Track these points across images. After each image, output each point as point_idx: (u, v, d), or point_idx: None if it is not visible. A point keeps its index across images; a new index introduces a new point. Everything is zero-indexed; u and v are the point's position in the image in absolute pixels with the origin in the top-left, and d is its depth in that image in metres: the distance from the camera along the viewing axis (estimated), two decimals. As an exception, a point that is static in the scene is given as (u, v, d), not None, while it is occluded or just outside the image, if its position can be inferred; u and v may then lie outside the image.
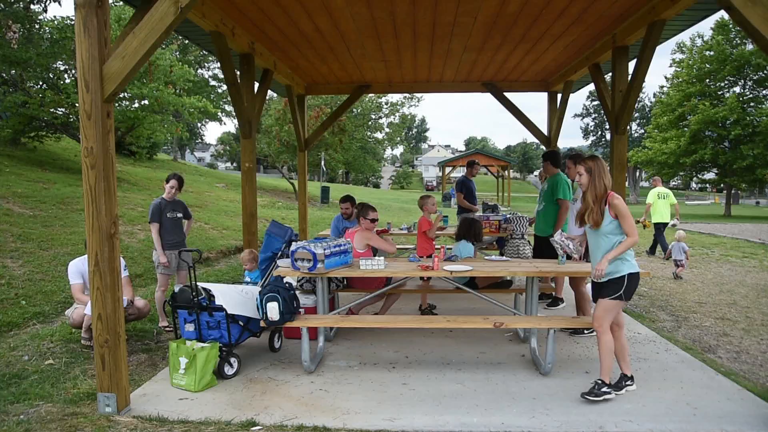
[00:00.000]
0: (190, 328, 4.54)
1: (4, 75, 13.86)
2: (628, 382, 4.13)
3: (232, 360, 4.52)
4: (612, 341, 3.98)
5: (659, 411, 3.81)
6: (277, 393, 4.15)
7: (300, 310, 4.84)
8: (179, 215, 5.94)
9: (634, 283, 3.91)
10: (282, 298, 4.37)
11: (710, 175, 35.03)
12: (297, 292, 4.85)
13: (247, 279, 5.77)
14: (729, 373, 4.58)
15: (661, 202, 11.68)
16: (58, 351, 5.00)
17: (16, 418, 3.66)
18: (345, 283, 5.85)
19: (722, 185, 33.82)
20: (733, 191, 34.66)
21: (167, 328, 5.76)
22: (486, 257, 5.86)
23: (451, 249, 6.06)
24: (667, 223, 11.69)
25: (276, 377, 4.48)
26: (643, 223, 11.85)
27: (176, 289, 4.87)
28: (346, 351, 5.16)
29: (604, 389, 3.94)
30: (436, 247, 5.58)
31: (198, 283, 4.56)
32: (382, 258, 4.86)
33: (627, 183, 7.35)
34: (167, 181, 5.88)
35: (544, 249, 6.23)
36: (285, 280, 4.76)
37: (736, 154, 28.38)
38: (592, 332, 5.61)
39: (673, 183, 63.37)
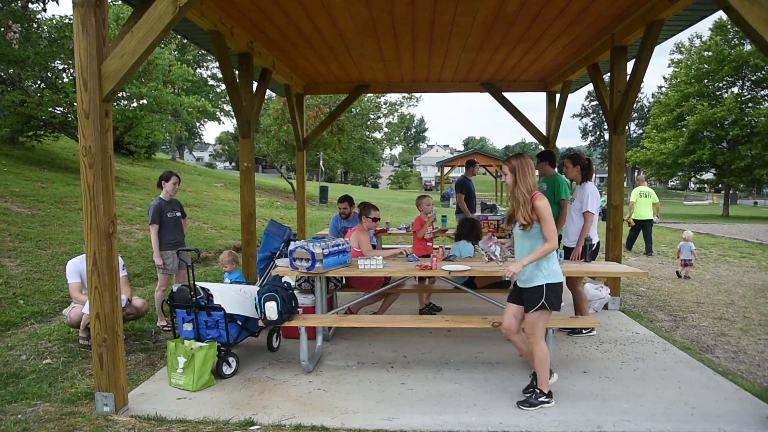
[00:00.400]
0: (188, 327, 4.54)
1: (3, 74, 13.83)
2: (547, 399, 3.91)
3: (231, 359, 4.52)
4: (548, 352, 3.85)
5: (657, 410, 3.82)
6: (276, 392, 4.15)
7: (298, 309, 4.84)
8: (178, 214, 5.94)
9: (555, 292, 3.73)
10: (280, 298, 4.37)
11: (708, 176, 35.03)
12: (295, 292, 4.85)
13: (227, 281, 5.53)
14: (727, 373, 4.59)
15: (642, 201, 11.98)
16: (56, 350, 4.99)
17: (14, 418, 3.65)
18: (343, 282, 5.85)
19: (720, 185, 33.84)
20: (731, 191, 34.71)
21: (165, 328, 5.75)
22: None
23: (449, 249, 6.06)
24: (649, 221, 12.02)
25: (274, 377, 4.47)
26: (628, 221, 12.01)
27: (174, 288, 4.87)
28: (345, 351, 5.16)
29: (542, 398, 3.86)
30: (435, 247, 5.58)
31: (196, 283, 4.56)
32: (380, 258, 4.86)
33: (626, 183, 7.36)
34: (167, 180, 5.85)
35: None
36: (283, 279, 4.76)
37: (734, 155, 28.41)
38: (590, 332, 5.62)
39: (672, 183, 63.56)
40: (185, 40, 24.47)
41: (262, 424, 3.60)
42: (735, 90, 30.20)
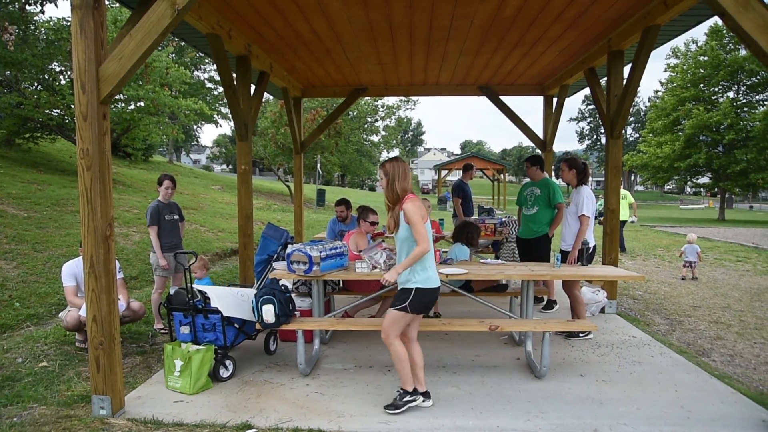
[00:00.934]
0: (185, 330, 4.53)
1: (-1, 76, 13.81)
2: (420, 398, 3.89)
3: (228, 362, 4.51)
4: (403, 351, 3.77)
5: (654, 414, 3.83)
6: (273, 396, 4.14)
7: (295, 312, 4.83)
8: (176, 217, 5.94)
9: (423, 298, 3.67)
10: (278, 301, 4.36)
11: (704, 180, 35.18)
12: (293, 295, 4.85)
13: (197, 287, 5.45)
14: (723, 377, 4.60)
15: (620, 202, 12.09)
16: (52, 353, 4.97)
17: (10, 421, 3.64)
18: (341, 285, 5.85)
19: (716, 189, 33.98)
20: (727, 195, 34.85)
21: (162, 331, 5.74)
22: (482, 260, 5.87)
23: (446, 252, 6.07)
24: (625, 221, 12.37)
25: (271, 380, 4.47)
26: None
27: (172, 291, 4.86)
28: (342, 354, 5.16)
29: (406, 398, 3.82)
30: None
31: (194, 286, 4.55)
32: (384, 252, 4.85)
33: (622, 187, 7.38)
34: (160, 183, 5.86)
35: (532, 250, 6.28)
36: (281, 282, 4.76)
37: (729, 159, 28.54)
38: (587, 335, 5.63)
39: (668, 187, 63.68)
40: (183, 43, 24.48)
41: (260, 427, 3.60)
42: (730, 94, 30.36)
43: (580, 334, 5.62)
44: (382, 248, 4.16)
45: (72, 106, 12.99)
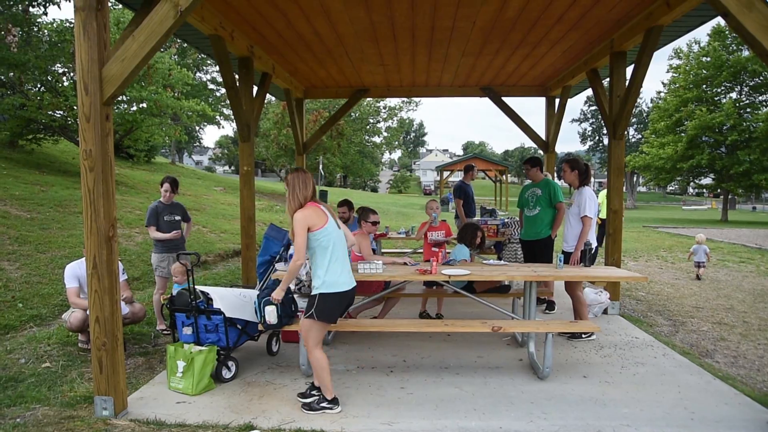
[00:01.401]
0: (188, 331, 4.53)
1: (3, 78, 13.84)
2: (337, 407, 3.87)
3: (230, 363, 4.51)
4: (322, 359, 3.79)
5: (657, 415, 3.82)
6: (275, 396, 4.14)
7: (298, 313, 4.83)
8: (177, 218, 5.94)
9: (326, 303, 3.69)
10: (280, 302, 4.36)
11: (707, 181, 35.08)
12: (295, 296, 4.84)
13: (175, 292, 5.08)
14: (726, 378, 4.59)
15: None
16: (55, 354, 4.98)
17: (13, 422, 3.65)
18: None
19: (719, 190, 33.89)
20: (729, 196, 34.74)
21: (165, 332, 5.74)
22: (484, 261, 5.87)
23: (449, 253, 6.07)
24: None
25: (274, 381, 4.47)
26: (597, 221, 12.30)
27: (174, 292, 4.86)
28: (344, 355, 5.16)
29: (324, 404, 3.84)
30: (434, 250, 5.59)
31: (196, 287, 4.56)
32: (380, 262, 4.86)
33: (624, 188, 7.37)
34: (161, 185, 5.90)
35: (536, 252, 6.27)
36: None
37: (732, 160, 28.45)
38: (590, 336, 5.62)
39: (670, 188, 63.53)
40: (185, 44, 24.54)
41: (262, 428, 3.60)
42: (733, 95, 30.27)
43: (583, 335, 5.61)
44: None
45: (75, 107, 13.01)
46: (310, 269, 4.09)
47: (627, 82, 6.21)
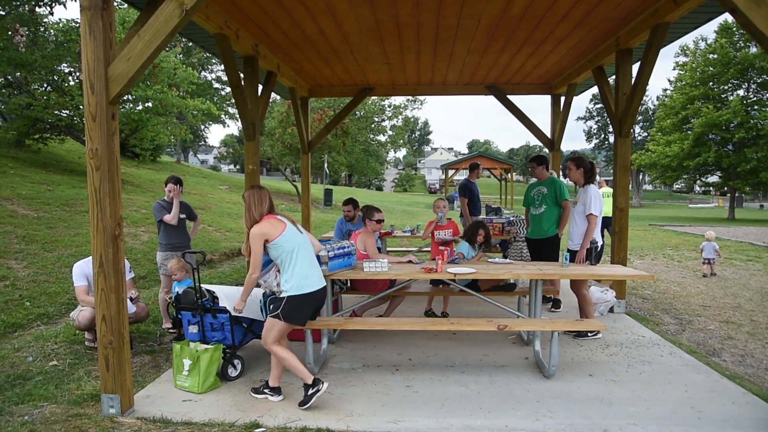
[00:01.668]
0: (193, 329, 4.55)
1: (10, 77, 13.93)
2: (270, 392, 4.04)
3: (236, 362, 4.52)
4: (285, 353, 3.89)
5: (664, 414, 3.80)
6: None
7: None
8: (182, 216, 5.95)
9: (294, 305, 3.80)
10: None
11: (714, 178, 34.92)
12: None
13: (177, 290, 5.06)
14: (734, 377, 4.56)
15: (606, 201, 12.27)
16: (62, 352, 5.01)
17: (21, 419, 3.67)
18: (349, 285, 5.85)
19: (726, 188, 33.72)
20: (737, 194, 34.57)
21: (171, 330, 5.76)
22: (489, 260, 5.86)
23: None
24: (610, 218, 12.46)
25: (280, 379, 4.46)
26: None
27: (180, 290, 4.88)
28: (350, 353, 5.16)
29: (266, 391, 4.00)
30: (440, 248, 5.58)
31: (202, 285, 4.57)
32: (385, 260, 4.86)
33: (630, 186, 7.34)
34: (165, 185, 5.91)
35: (543, 251, 6.24)
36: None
37: (739, 157, 28.29)
38: (596, 335, 5.60)
39: (677, 186, 63.23)
40: (190, 43, 24.57)
41: (268, 426, 3.60)
42: (740, 92, 30.10)
43: (589, 334, 5.60)
44: (275, 269, 4.26)
45: (81, 106, 13.07)
46: (277, 276, 4.18)
47: (633, 80, 6.17)
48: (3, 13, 11.99)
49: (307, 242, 3.99)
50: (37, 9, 13.01)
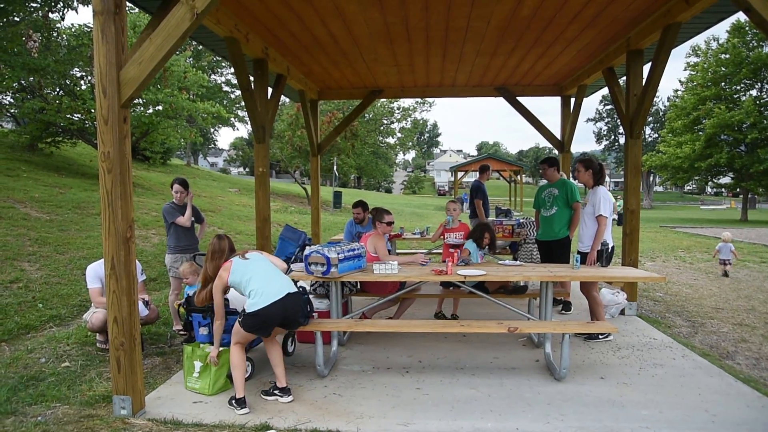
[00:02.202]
0: (204, 331, 4.56)
1: (23, 82, 14.09)
2: (280, 393, 4.09)
3: (246, 364, 4.52)
4: (238, 360, 3.97)
5: (677, 417, 3.76)
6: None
7: (313, 314, 4.84)
8: (191, 219, 5.97)
9: (249, 320, 3.88)
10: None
11: (726, 180, 34.56)
12: (311, 297, 4.85)
13: (189, 292, 5.05)
14: (748, 380, 4.51)
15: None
16: (74, 354, 5.05)
17: (34, 420, 3.70)
18: (358, 287, 5.86)
19: (738, 190, 33.36)
20: (749, 196, 34.18)
21: (181, 332, 5.79)
22: (500, 262, 5.83)
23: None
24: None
25: (289, 381, 4.47)
26: None
27: (190, 292, 4.90)
28: (360, 355, 5.16)
29: (233, 403, 3.92)
30: (450, 250, 5.57)
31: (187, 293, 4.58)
32: (395, 262, 4.85)
33: (641, 188, 7.29)
34: (171, 187, 5.95)
35: (554, 253, 6.20)
36: (299, 284, 4.76)
37: (752, 158, 27.97)
38: (606, 337, 5.56)
39: (688, 187, 62.64)
40: (200, 47, 24.73)
41: (278, 428, 3.61)
42: (753, 93, 29.78)
43: (600, 336, 5.56)
44: None
45: (92, 110, 13.20)
46: None
47: (644, 81, 6.13)
48: (17, 20, 12.14)
49: (254, 263, 4.10)
50: (50, 15, 13.16)
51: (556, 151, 10.02)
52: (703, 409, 3.89)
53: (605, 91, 8.33)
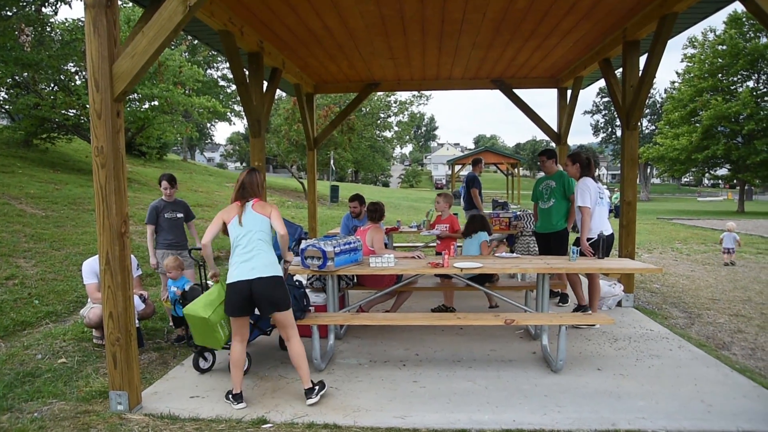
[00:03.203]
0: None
1: (17, 77, 14.00)
2: (318, 391, 3.90)
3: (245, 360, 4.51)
4: (236, 352, 3.91)
5: (673, 408, 3.77)
6: (288, 391, 4.15)
7: (310, 308, 4.84)
8: (179, 215, 5.94)
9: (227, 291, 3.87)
10: (292, 296, 4.36)
11: (723, 171, 34.63)
12: (307, 290, 4.84)
13: (172, 288, 5.05)
14: (744, 370, 4.52)
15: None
16: (70, 349, 5.04)
17: (30, 416, 3.69)
18: (355, 280, 5.85)
19: (735, 181, 33.44)
20: (746, 187, 34.27)
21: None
22: (496, 255, 5.83)
23: (461, 247, 6.05)
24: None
25: (286, 375, 4.48)
26: None
27: (186, 287, 4.89)
28: (357, 349, 5.16)
29: (230, 397, 3.90)
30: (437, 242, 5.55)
31: (208, 282, 4.57)
32: (391, 255, 4.85)
33: (638, 179, 7.28)
34: (159, 183, 5.93)
35: (552, 245, 6.21)
36: (295, 278, 4.76)
37: (749, 150, 28.02)
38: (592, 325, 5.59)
39: (685, 179, 62.75)
40: (195, 41, 24.62)
41: (275, 422, 3.61)
42: (750, 84, 29.80)
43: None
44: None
45: (87, 105, 13.13)
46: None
47: (640, 72, 6.11)
48: (9, 14, 12.05)
49: (246, 233, 3.84)
50: (43, 9, 13.07)
51: (553, 144, 10.02)
52: (699, 400, 3.90)
53: (602, 83, 8.31)
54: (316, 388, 3.90)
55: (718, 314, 6.55)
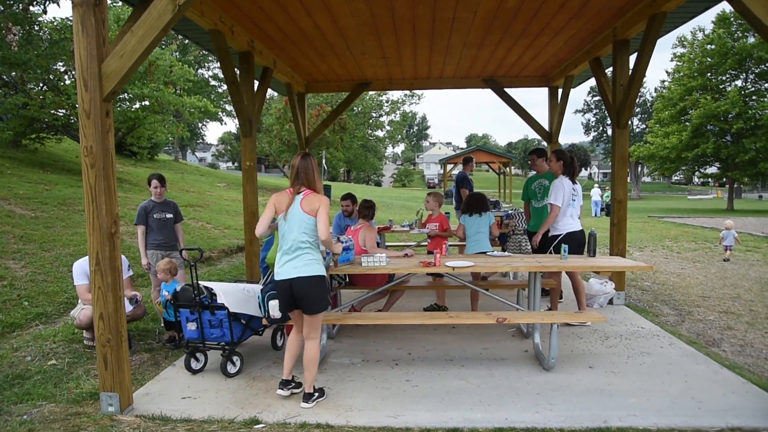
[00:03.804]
0: (192, 326, 4.53)
1: (5, 77, 13.86)
2: (317, 397, 3.92)
3: (235, 358, 4.51)
4: (289, 342, 4.06)
5: (664, 405, 3.79)
6: (280, 391, 4.14)
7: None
8: (168, 216, 5.90)
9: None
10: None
11: (712, 170, 34.91)
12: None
13: (164, 292, 4.98)
14: (734, 367, 4.56)
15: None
16: (60, 351, 5.00)
17: (20, 419, 3.66)
18: (347, 280, 5.84)
19: (724, 179, 33.72)
20: (735, 185, 34.55)
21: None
22: (488, 253, 5.84)
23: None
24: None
25: (279, 375, 4.45)
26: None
27: (178, 288, 4.86)
28: (349, 348, 5.15)
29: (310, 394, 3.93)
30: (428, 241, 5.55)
31: (200, 282, 4.55)
32: (383, 254, 4.84)
33: (629, 178, 7.32)
34: (149, 183, 5.90)
35: (546, 243, 6.22)
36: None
37: (738, 148, 28.27)
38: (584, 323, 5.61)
39: (675, 178, 63.19)
40: (186, 41, 24.50)
41: (267, 422, 3.60)
42: (738, 83, 30.05)
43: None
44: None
45: (77, 105, 13.03)
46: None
47: (630, 71, 6.15)
48: (-4, 13, 11.92)
49: (291, 230, 3.78)
50: (31, 8, 12.93)
51: (544, 143, 10.05)
52: (689, 396, 3.94)
53: (593, 82, 8.35)
54: (316, 394, 3.90)
55: (708, 311, 6.60)
